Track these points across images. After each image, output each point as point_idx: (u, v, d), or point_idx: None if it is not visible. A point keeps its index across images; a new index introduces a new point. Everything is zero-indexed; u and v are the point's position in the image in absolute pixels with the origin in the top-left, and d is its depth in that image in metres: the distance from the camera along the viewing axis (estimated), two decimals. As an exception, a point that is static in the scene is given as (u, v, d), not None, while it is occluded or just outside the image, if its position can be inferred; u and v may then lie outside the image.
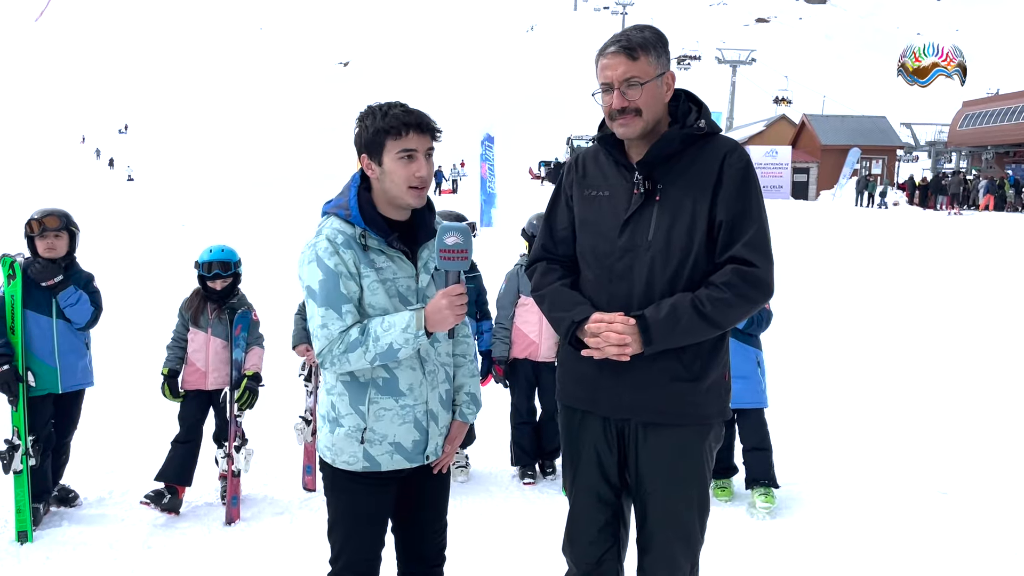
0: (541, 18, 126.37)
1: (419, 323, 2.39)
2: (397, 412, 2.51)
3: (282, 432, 5.23)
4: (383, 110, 2.44)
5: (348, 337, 2.40)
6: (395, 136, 2.41)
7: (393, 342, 2.39)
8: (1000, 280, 13.11)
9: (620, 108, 2.44)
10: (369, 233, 2.46)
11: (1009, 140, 40.01)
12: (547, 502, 4.61)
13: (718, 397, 2.55)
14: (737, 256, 2.42)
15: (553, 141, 65.64)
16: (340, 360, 2.41)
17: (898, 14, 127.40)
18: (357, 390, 2.51)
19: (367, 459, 2.52)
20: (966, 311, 10.64)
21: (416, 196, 2.47)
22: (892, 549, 4.04)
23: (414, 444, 2.55)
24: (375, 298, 2.46)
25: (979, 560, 3.94)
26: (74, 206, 5.58)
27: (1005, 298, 11.50)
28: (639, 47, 2.43)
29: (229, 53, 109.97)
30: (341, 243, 2.43)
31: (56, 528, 4.21)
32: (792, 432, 5.52)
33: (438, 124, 2.51)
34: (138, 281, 11.65)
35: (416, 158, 2.44)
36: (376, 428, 2.50)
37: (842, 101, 74.68)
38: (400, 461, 2.54)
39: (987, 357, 8.16)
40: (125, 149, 67.77)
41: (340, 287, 2.41)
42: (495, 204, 23.35)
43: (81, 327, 4.34)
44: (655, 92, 2.46)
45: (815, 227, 22.88)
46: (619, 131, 2.50)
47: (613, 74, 2.44)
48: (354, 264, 2.43)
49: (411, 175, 2.44)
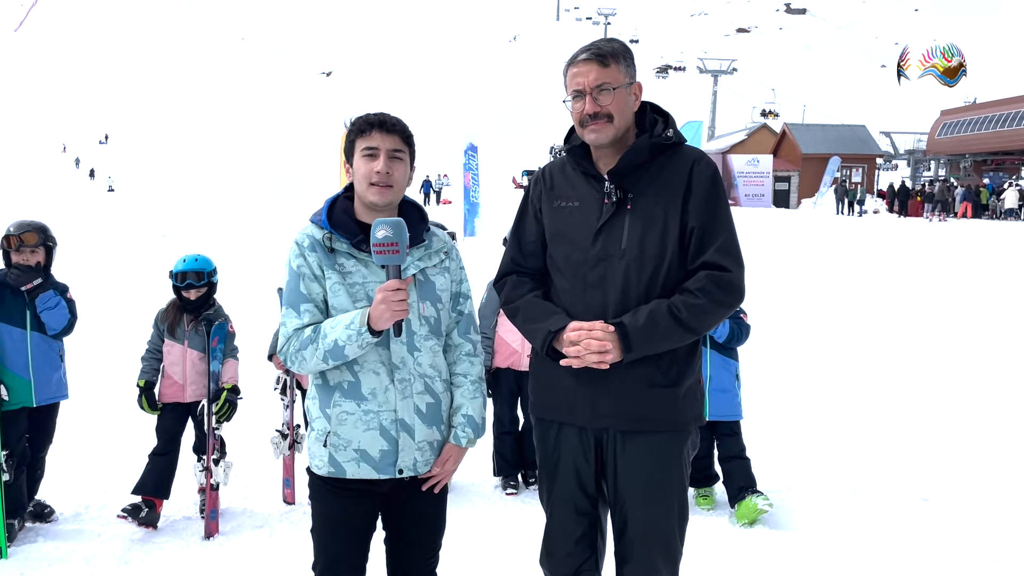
0: (524, 28, 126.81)
1: (362, 320, 2.39)
2: (360, 417, 2.49)
3: (261, 444, 5.18)
4: (361, 117, 2.53)
5: (302, 335, 2.46)
6: (361, 135, 2.50)
7: (338, 339, 2.40)
8: (981, 287, 13.23)
9: (592, 113, 2.48)
10: (335, 236, 2.50)
11: (986, 148, 40.53)
12: (529, 512, 4.58)
13: (694, 402, 2.58)
14: (710, 261, 2.46)
15: (536, 150, 65.77)
16: (296, 358, 2.47)
17: (877, 24, 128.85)
18: (325, 394, 2.54)
19: (332, 464, 2.52)
20: (947, 319, 10.73)
21: (377, 193, 2.48)
22: (874, 556, 4.05)
23: (382, 454, 2.51)
24: (337, 300, 2.49)
25: (960, 566, 3.95)
26: (53, 216, 5.53)
27: (987, 305, 11.60)
28: (609, 55, 2.50)
29: (211, 63, 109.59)
30: (307, 246, 2.51)
31: (31, 544, 4.14)
32: (773, 441, 5.53)
33: (410, 129, 2.54)
34: (116, 292, 11.54)
35: (377, 156, 2.47)
36: (340, 432, 2.50)
37: (822, 110, 75.33)
38: (368, 471, 2.51)
39: (967, 364, 8.22)
40: (105, 159, 67.27)
41: (300, 287, 2.49)
42: (478, 213, 23.34)
43: (57, 333, 4.29)
44: (625, 99, 2.51)
45: (798, 235, 23.04)
46: (590, 137, 2.53)
47: (585, 80, 2.48)
48: (318, 266, 2.49)
49: (371, 171, 2.47)
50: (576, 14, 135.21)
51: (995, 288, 13.01)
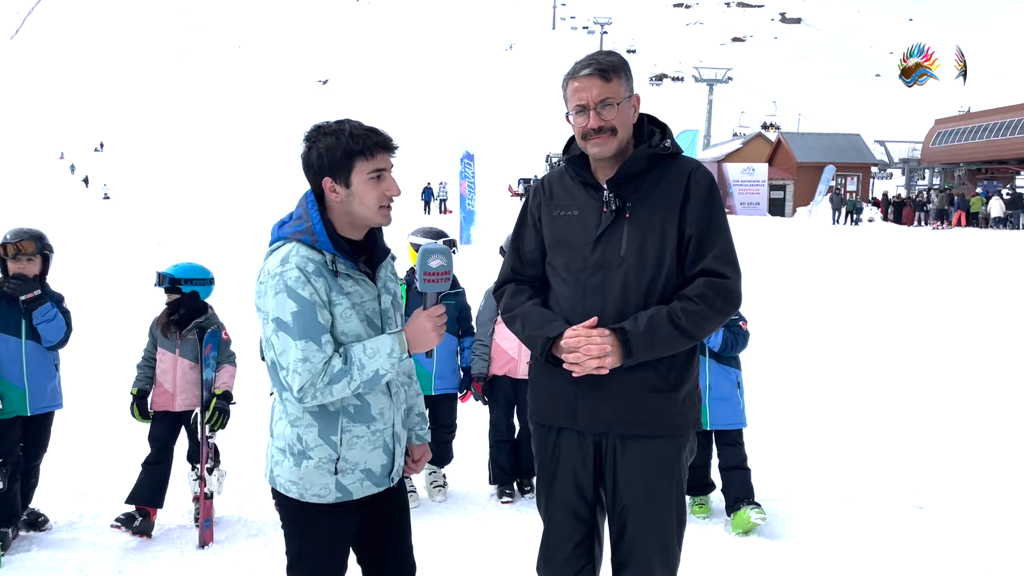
0: (520, 37, 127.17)
1: (402, 346, 2.39)
2: (369, 439, 2.47)
3: (256, 452, 5.16)
4: (346, 131, 2.37)
5: (332, 368, 2.31)
6: (366, 157, 2.36)
7: (379, 368, 2.36)
8: (975, 296, 13.27)
9: (596, 128, 2.51)
10: (339, 259, 2.39)
11: (981, 157, 40.67)
12: (525, 520, 4.58)
13: (692, 407, 2.61)
14: (708, 268, 2.50)
15: (532, 158, 65.87)
16: (323, 392, 2.32)
17: (871, 34, 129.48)
18: (327, 420, 2.43)
19: (339, 489, 2.46)
20: (941, 327, 10.75)
21: (386, 216, 2.45)
22: (869, 564, 4.05)
23: (382, 468, 2.52)
24: (348, 325, 2.39)
25: (955, 574, 3.95)
26: (49, 224, 5.52)
27: (981, 313, 11.63)
28: (611, 69, 2.52)
29: (207, 71, 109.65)
30: (312, 272, 2.33)
31: (25, 553, 4.12)
32: (768, 449, 5.53)
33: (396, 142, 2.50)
34: (112, 300, 11.51)
35: (385, 177, 2.41)
36: (349, 457, 2.45)
37: (817, 119, 75.63)
38: (370, 487, 2.51)
39: (962, 372, 8.23)
40: (101, 167, 67.20)
41: (318, 317, 2.31)
42: (474, 221, 23.36)
43: (53, 345, 4.28)
44: (626, 112, 2.55)
45: (792, 243, 23.08)
46: (593, 151, 2.56)
47: (588, 95, 2.51)
48: (326, 293, 2.35)
49: (382, 194, 2.40)
50: (572, 23, 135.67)
51: (988, 297, 13.05)
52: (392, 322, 2.54)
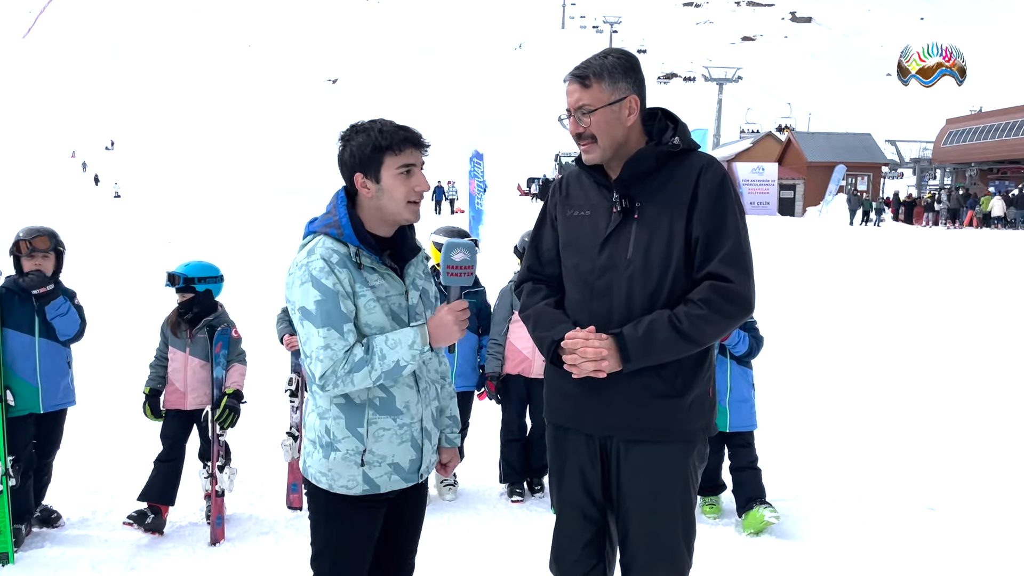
0: (529, 36, 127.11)
1: (424, 339, 2.42)
2: (395, 432, 2.50)
3: (267, 450, 5.18)
4: (376, 128, 2.44)
5: (353, 357, 2.36)
6: (395, 152, 2.42)
7: (400, 359, 2.39)
8: (988, 296, 13.20)
9: (576, 134, 2.52)
10: (363, 251, 2.44)
11: (992, 157, 40.43)
12: (535, 520, 4.58)
13: (702, 413, 2.55)
14: (713, 272, 2.43)
15: (541, 158, 65.87)
16: (344, 380, 2.36)
17: (882, 33, 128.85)
18: (354, 412, 2.47)
19: (367, 482, 2.49)
20: (953, 328, 10.70)
21: (415, 211, 2.50)
22: (880, 565, 4.03)
23: (410, 463, 2.54)
24: (372, 317, 2.43)
25: (966, 575, 3.94)
26: (60, 223, 5.55)
27: (994, 313, 11.57)
28: (593, 75, 2.47)
29: (217, 70, 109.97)
30: (336, 262, 2.39)
31: (38, 549, 4.15)
32: (780, 450, 5.52)
33: (427, 139, 2.55)
34: (123, 299, 11.56)
35: (414, 172, 2.46)
36: (375, 449, 2.48)
37: (827, 118, 75.32)
38: (398, 481, 2.53)
39: (974, 373, 8.19)
40: (112, 165, 67.50)
41: (340, 306, 2.37)
42: (483, 221, 23.35)
43: (68, 339, 4.30)
44: (607, 118, 2.48)
45: (802, 243, 23.00)
46: (583, 156, 2.58)
47: (569, 100, 2.52)
48: (349, 283, 2.40)
49: (411, 190, 2.46)
50: (581, 22, 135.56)
51: (1000, 297, 12.97)
52: (421, 319, 2.56)
